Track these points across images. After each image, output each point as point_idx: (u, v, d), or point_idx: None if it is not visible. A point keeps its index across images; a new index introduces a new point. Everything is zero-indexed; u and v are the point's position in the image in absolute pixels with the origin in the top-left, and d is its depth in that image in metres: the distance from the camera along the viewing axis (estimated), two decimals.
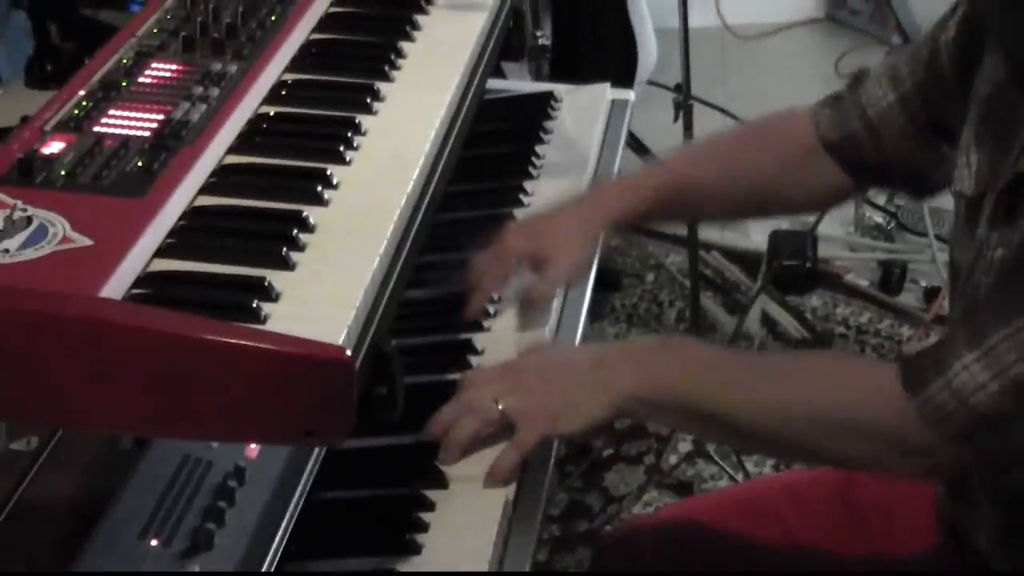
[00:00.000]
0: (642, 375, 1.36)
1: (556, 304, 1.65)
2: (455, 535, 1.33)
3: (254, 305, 1.04)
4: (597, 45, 3.26)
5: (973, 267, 1.34)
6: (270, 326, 1.03)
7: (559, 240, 1.58)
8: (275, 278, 1.08)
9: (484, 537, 1.31)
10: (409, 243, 1.20)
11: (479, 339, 1.59)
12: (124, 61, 1.35)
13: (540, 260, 1.57)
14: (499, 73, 2.75)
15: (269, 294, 1.06)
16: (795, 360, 1.42)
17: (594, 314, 3.19)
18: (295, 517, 1.29)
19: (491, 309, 1.64)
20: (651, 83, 3.44)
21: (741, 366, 1.41)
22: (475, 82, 1.50)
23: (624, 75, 3.02)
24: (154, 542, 1.23)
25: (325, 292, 1.08)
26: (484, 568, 1.29)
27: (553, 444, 1.45)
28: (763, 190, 1.66)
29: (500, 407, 1.36)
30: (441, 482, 1.37)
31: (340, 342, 1.01)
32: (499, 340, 1.60)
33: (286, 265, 1.10)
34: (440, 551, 1.32)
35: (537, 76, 2.73)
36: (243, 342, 0.99)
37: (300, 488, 1.31)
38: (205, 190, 1.20)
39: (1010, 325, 1.20)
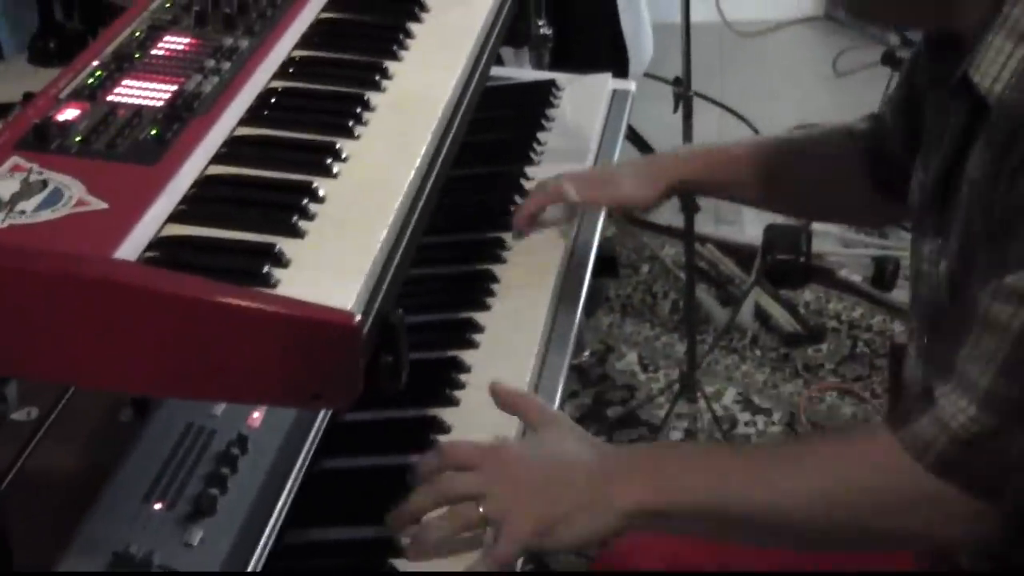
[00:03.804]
0: (652, 485, 1.28)
1: (550, 295, 1.68)
2: None
3: (265, 270, 1.05)
4: (586, 39, 3.27)
5: (919, 279, 1.38)
6: (280, 291, 1.04)
7: (623, 181, 1.75)
8: (285, 245, 1.09)
9: None
10: (416, 216, 1.22)
11: (480, 318, 1.62)
12: (137, 34, 1.37)
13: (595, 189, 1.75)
14: (498, 61, 2.77)
15: (279, 260, 1.07)
16: (797, 445, 1.42)
17: (589, 305, 3.22)
18: (297, 485, 1.31)
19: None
20: (650, 76, 3.46)
21: (754, 458, 1.35)
22: (481, 64, 1.51)
23: (615, 69, 3.05)
24: (158, 506, 1.25)
25: (334, 260, 1.09)
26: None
27: None
28: (823, 197, 1.74)
29: (481, 510, 1.27)
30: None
31: (349, 308, 1.03)
32: (500, 316, 1.62)
33: (296, 233, 1.12)
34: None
35: (538, 65, 2.75)
36: (254, 305, 1.00)
37: (302, 457, 1.33)
38: (217, 159, 1.22)
39: (966, 343, 1.22)
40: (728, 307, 3.22)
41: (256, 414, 1.35)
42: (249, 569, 1.22)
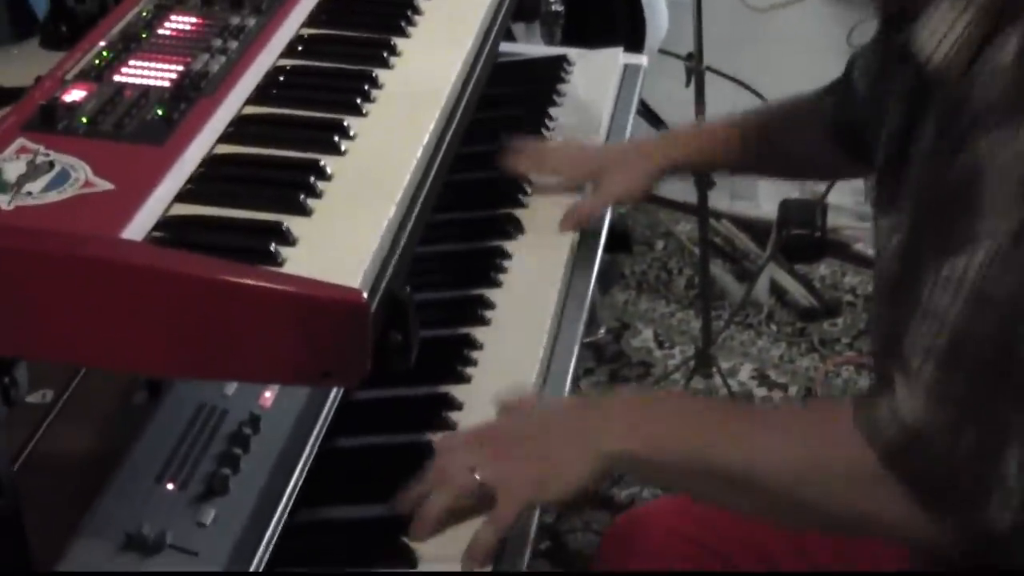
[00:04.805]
0: (633, 429, 1.29)
1: (562, 271, 1.67)
2: None
3: (272, 249, 1.05)
4: (604, 13, 3.26)
5: (878, 255, 1.37)
6: (288, 269, 1.04)
7: (620, 168, 1.76)
8: (292, 223, 1.09)
9: None
10: (424, 193, 1.21)
11: (491, 295, 1.61)
12: (144, 13, 1.36)
13: (595, 180, 1.76)
14: (509, 37, 2.76)
15: (287, 238, 1.07)
16: (776, 411, 1.46)
17: (604, 282, 3.22)
18: (309, 464, 1.31)
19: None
20: (663, 52, 3.44)
21: (734, 415, 1.36)
22: (490, 40, 1.51)
23: (632, 44, 3.04)
24: (170, 486, 1.25)
25: (342, 238, 1.09)
26: None
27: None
28: (802, 164, 1.83)
29: (477, 477, 1.27)
30: None
31: (357, 285, 1.02)
32: (512, 293, 1.62)
33: (303, 211, 1.11)
34: None
35: (550, 42, 2.74)
36: (261, 284, 1.00)
37: (314, 436, 1.33)
38: (224, 139, 1.22)
39: (908, 330, 1.19)
40: (743, 282, 3.21)
41: (268, 393, 1.35)
42: (262, 547, 1.22)
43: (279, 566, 1.24)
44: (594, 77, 2.08)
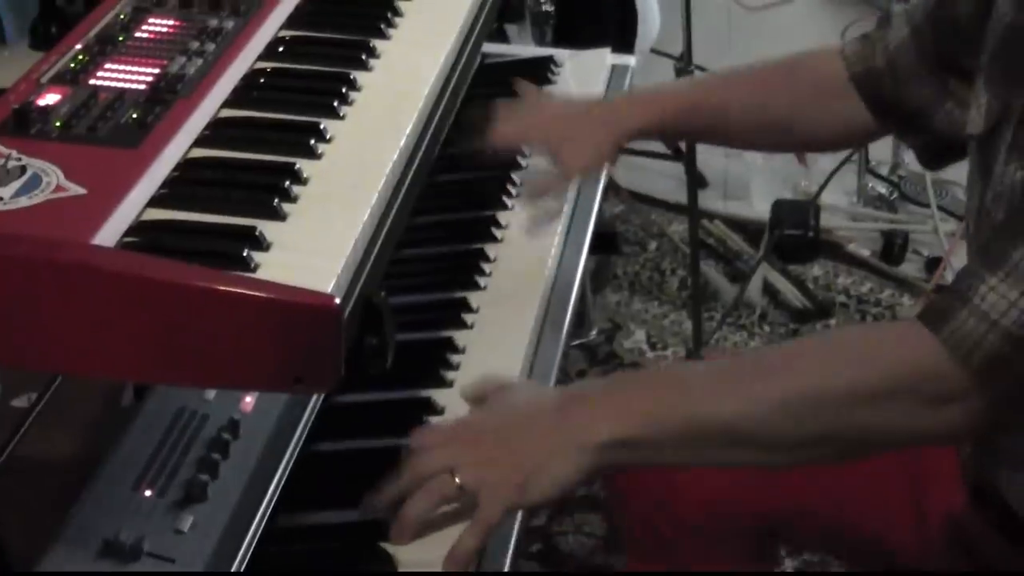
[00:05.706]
0: (621, 414, 1.23)
1: (546, 273, 1.66)
2: None
3: (244, 254, 1.05)
4: (594, 13, 3.25)
5: (987, 205, 1.30)
6: (260, 275, 1.03)
7: (578, 138, 1.63)
8: (266, 228, 1.08)
9: None
10: (401, 197, 1.21)
11: (473, 298, 1.60)
12: (121, 16, 1.36)
13: (555, 153, 1.62)
14: (502, 37, 2.76)
15: (260, 243, 1.07)
16: (798, 346, 1.36)
17: (597, 283, 3.21)
18: (288, 469, 1.30)
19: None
20: (656, 52, 3.44)
21: (734, 370, 1.29)
22: (471, 41, 1.50)
23: (623, 44, 3.03)
24: (148, 493, 1.24)
25: (315, 242, 1.09)
26: None
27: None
28: (788, 121, 1.66)
29: (457, 480, 1.23)
30: None
31: (328, 290, 1.02)
32: (494, 296, 1.61)
33: (277, 215, 1.11)
34: None
35: (541, 42, 2.73)
36: (233, 290, 0.99)
37: (294, 441, 1.32)
38: (199, 142, 1.21)
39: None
40: (736, 283, 3.20)
41: (248, 398, 1.34)
42: (240, 553, 1.21)
43: (258, 572, 1.24)
44: (581, 78, 2.07)
